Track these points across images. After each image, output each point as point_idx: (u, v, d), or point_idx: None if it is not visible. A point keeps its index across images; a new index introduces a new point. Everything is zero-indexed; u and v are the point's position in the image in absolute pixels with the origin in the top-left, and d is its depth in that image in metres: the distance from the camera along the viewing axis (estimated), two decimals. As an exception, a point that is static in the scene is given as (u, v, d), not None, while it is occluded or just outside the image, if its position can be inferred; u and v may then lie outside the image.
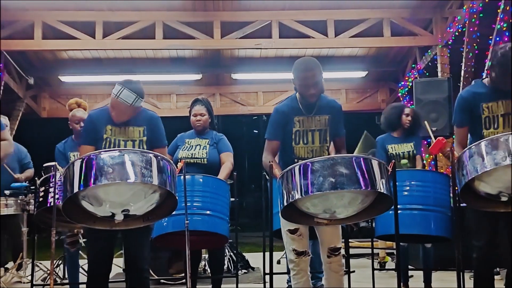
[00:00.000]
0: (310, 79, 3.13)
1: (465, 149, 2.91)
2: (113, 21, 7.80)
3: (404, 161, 4.75)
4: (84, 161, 2.62)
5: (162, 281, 5.29)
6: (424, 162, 5.05)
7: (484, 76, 3.20)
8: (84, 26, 7.77)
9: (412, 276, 4.99)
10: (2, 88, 8.19)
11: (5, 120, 5.50)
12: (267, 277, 3.49)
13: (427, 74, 8.30)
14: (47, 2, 7.40)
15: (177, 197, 2.78)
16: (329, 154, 3.28)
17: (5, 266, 5.56)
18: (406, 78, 9.12)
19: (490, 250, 3.03)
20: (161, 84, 9.96)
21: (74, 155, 4.41)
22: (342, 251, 3.26)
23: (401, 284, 3.48)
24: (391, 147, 4.84)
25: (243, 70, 9.64)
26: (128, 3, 7.56)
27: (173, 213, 2.91)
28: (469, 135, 3.23)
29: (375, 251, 5.56)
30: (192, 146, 4.16)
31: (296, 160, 3.19)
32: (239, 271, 5.06)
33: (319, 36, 7.94)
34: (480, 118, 3.12)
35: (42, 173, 4.69)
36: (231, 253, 5.82)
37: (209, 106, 4.30)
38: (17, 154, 5.27)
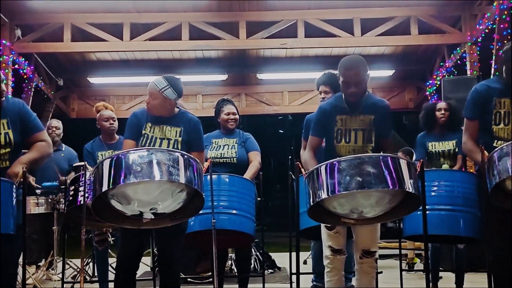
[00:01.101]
0: (352, 77, 3.07)
1: (496, 149, 2.86)
2: (140, 22, 7.91)
3: (445, 166, 4.62)
4: (114, 160, 2.66)
5: (189, 279, 5.32)
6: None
7: None
8: (112, 28, 7.90)
9: (441, 277, 4.91)
10: (32, 89, 8.39)
11: (58, 123, 5.65)
12: (294, 277, 3.49)
13: (456, 72, 8.16)
14: (76, 3, 7.54)
15: (204, 196, 2.80)
16: None
17: (38, 264, 5.67)
18: (434, 77, 8.98)
19: (509, 252, 2.96)
20: (187, 84, 9.92)
21: (102, 155, 4.48)
22: (376, 255, 3.21)
23: (430, 285, 3.42)
24: (431, 145, 4.73)
25: (269, 70, 9.64)
26: (154, 4, 7.65)
27: (200, 212, 2.93)
28: None
29: (403, 252, 5.49)
30: (220, 146, 4.18)
31: None
32: (266, 271, 5.05)
33: (345, 35, 7.89)
34: (491, 113, 3.06)
35: (72, 173, 4.78)
36: (257, 253, 5.82)
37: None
38: (67, 156, 5.53)
